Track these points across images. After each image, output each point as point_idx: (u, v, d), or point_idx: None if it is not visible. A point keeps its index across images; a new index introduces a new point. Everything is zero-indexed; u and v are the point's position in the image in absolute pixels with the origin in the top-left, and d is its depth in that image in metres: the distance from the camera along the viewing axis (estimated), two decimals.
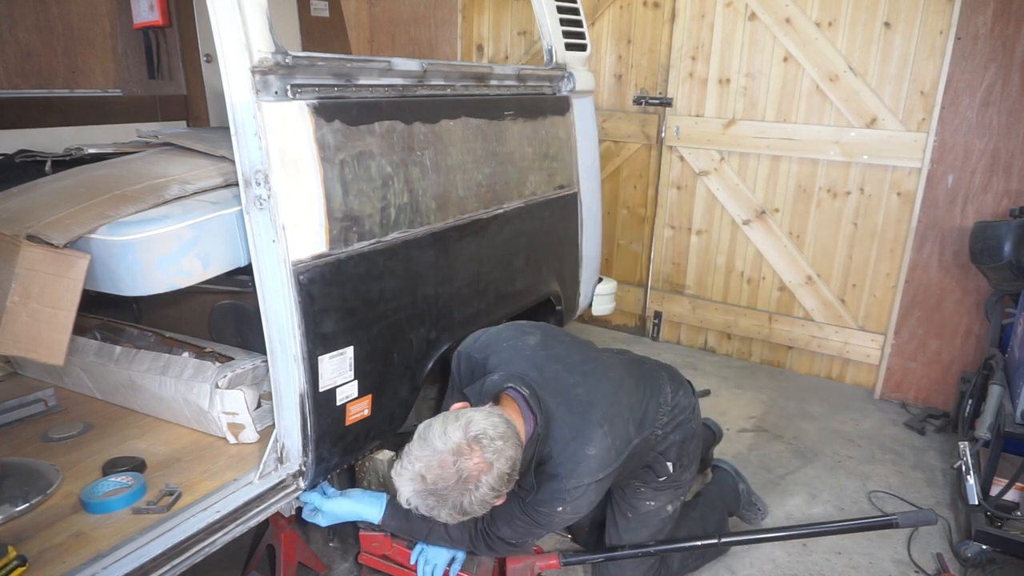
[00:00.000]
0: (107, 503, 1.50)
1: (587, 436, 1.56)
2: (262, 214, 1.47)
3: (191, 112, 3.08)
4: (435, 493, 1.37)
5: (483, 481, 1.37)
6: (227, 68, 1.39)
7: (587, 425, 1.57)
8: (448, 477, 1.36)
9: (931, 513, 1.80)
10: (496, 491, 1.40)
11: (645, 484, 1.88)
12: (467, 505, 1.38)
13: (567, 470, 1.54)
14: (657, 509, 1.91)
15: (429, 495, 1.38)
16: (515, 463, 1.43)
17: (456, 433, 1.39)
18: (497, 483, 1.39)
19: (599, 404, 1.62)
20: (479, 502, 1.39)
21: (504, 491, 1.44)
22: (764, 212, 3.44)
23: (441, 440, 1.38)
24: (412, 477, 1.38)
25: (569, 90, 2.57)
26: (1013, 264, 2.52)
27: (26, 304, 1.38)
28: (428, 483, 1.37)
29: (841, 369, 3.47)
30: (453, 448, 1.37)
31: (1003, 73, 2.73)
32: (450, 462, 1.36)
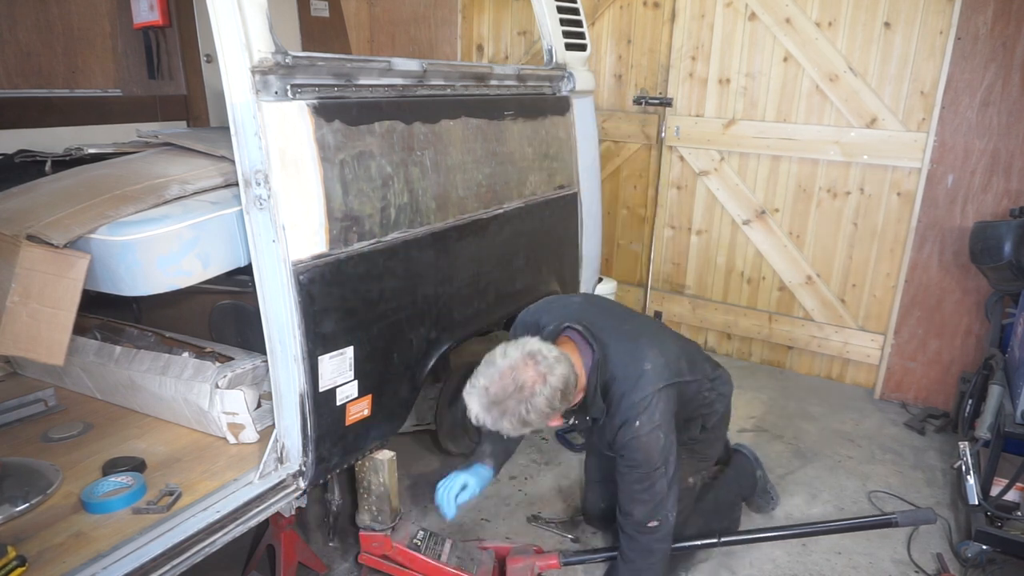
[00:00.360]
0: (107, 503, 1.50)
1: (641, 355, 1.75)
2: (262, 214, 1.47)
3: (191, 112, 3.08)
4: (497, 404, 1.57)
5: (538, 391, 1.56)
6: (227, 68, 1.39)
7: (639, 348, 1.76)
8: (507, 387, 1.56)
9: (930, 512, 1.80)
10: (551, 404, 1.58)
11: None
12: (525, 414, 1.56)
13: (630, 385, 1.70)
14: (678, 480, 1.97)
15: (493, 406, 1.58)
16: (568, 382, 1.61)
17: (514, 352, 1.61)
18: (551, 395, 1.57)
19: (647, 334, 1.83)
20: (537, 412, 1.57)
21: (559, 407, 1.61)
22: (764, 212, 3.44)
23: (502, 358, 1.60)
24: (478, 392, 1.59)
25: (569, 90, 2.57)
26: (1013, 264, 2.52)
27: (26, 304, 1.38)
28: (491, 395, 1.57)
29: (841, 369, 3.47)
30: (511, 364, 1.58)
31: (1003, 73, 2.73)
32: (509, 375, 1.57)
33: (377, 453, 1.92)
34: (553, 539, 2.22)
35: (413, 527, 1.93)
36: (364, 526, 1.87)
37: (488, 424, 1.61)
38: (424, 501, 2.40)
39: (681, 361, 1.83)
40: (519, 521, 2.31)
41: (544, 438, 2.82)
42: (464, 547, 1.93)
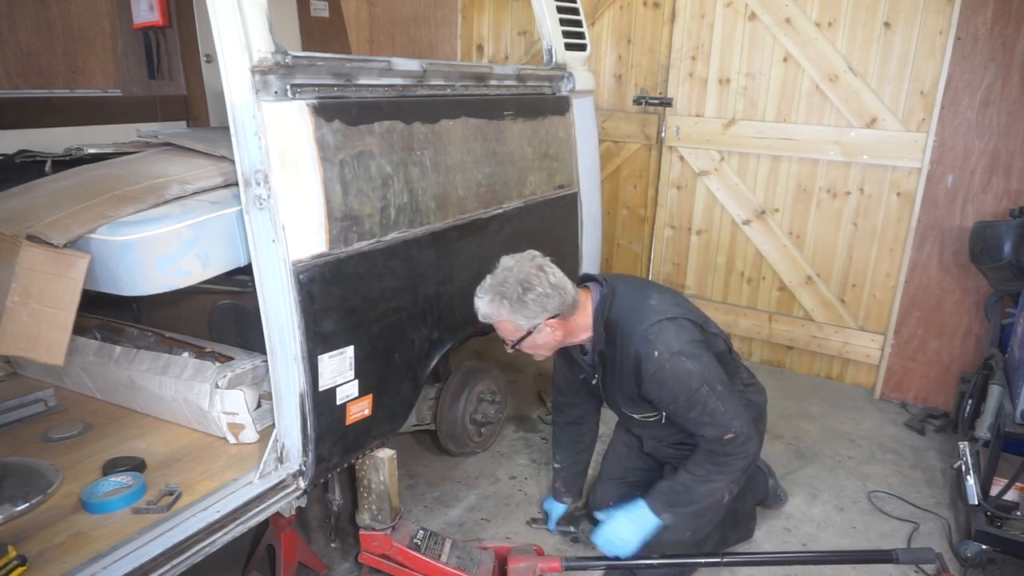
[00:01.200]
0: (107, 503, 1.50)
1: (647, 294, 1.84)
2: (262, 214, 1.47)
3: (191, 112, 3.08)
4: (499, 287, 1.69)
5: (535, 276, 1.69)
6: (227, 68, 1.39)
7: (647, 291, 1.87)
8: (509, 280, 1.69)
9: (930, 552, 1.81)
10: (546, 292, 1.69)
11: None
12: (522, 293, 1.67)
13: (634, 316, 1.78)
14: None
15: (495, 290, 1.69)
16: (565, 285, 1.74)
17: (520, 255, 1.75)
18: (547, 284, 1.69)
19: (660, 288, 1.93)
20: (535, 297, 1.68)
21: (556, 302, 1.70)
22: (764, 212, 3.44)
23: (507, 259, 1.75)
24: (483, 289, 1.72)
25: (569, 90, 2.57)
26: (1013, 264, 2.52)
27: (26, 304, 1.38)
28: (494, 284, 1.70)
29: (841, 369, 3.47)
30: (516, 260, 1.74)
31: (1003, 73, 2.73)
32: (512, 268, 1.72)
33: (378, 452, 1.92)
34: (553, 539, 2.22)
35: (413, 526, 1.93)
36: (364, 525, 1.87)
37: (492, 313, 1.71)
38: (425, 501, 2.40)
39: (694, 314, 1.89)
40: (519, 521, 2.31)
41: (544, 438, 2.82)
42: (464, 547, 1.93)
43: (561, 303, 1.72)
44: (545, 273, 1.72)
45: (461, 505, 2.38)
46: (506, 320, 1.71)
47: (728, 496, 1.97)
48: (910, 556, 1.85)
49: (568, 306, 1.74)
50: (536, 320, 1.70)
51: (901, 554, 1.81)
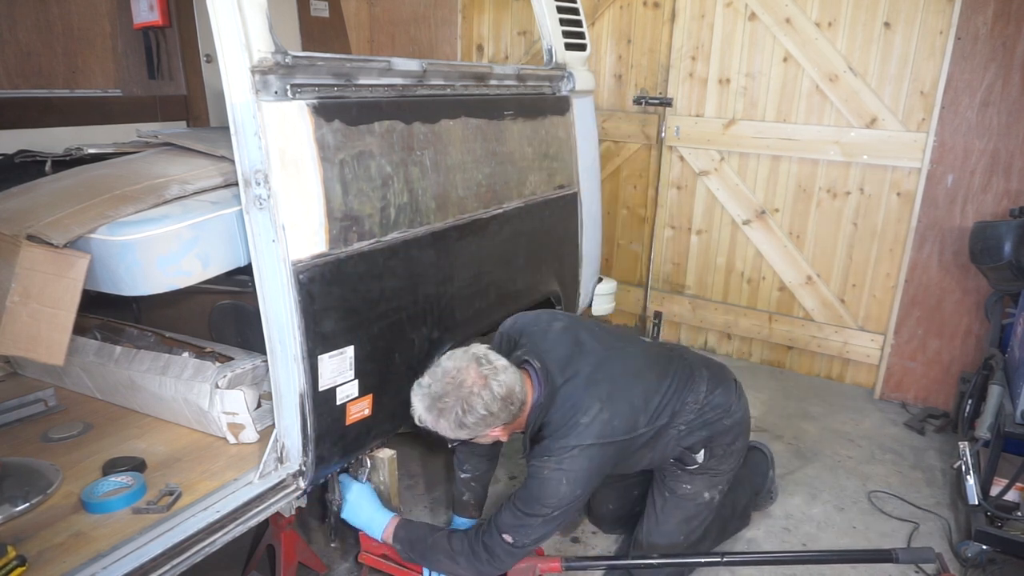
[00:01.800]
0: (107, 503, 1.50)
1: (584, 407, 1.69)
2: (262, 214, 1.47)
3: (191, 112, 3.08)
4: (437, 401, 1.59)
5: (476, 392, 1.57)
6: (227, 68, 1.39)
7: (587, 398, 1.70)
8: (447, 386, 1.59)
9: (930, 552, 1.81)
10: (488, 409, 1.58)
11: (681, 469, 1.95)
12: (462, 415, 1.57)
13: (560, 434, 1.67)
14: (693, 493, 1.96)
15: (432, 405, 1.59)
16: (512, 392, 1.62)
17: (460, 354, 1.65)
18: (490, 400, 1.58)
19: (604, 384, 1.74)
20: (474, 415, 1.58)
21: (501, 418, 1.61)
22: (764, 212, 3.44)
23: (448, 360, 1.64)
24: (422, 392, 1.62)
25: (569, 90, 2.57)
26: (1013, 264, 2.52)
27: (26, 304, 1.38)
28: (432, 393, 1.60)
29: (841, 369, 3.47)
30: (456, 365, 1.62)
31: (1003, 73, 2.73)
32: (452, 374, 1.60)
33: (378, 452, 1.92)
34: (553, 540, 2.22)
35: None
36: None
37: (429, 424, 1.63)
38: (426, 500, 2.40)
39: (639, 415, 1.75)
40: None
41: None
42: None
43: (508, 415, 1.63)
44: (489, 388, 1.58)
45: None
46: (446, 432, 1.64)
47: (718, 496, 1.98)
48: (910, 556, 1.85)
49: (514, 414, 1.66)
50: (478, 432, 1.64)
51: (901, 554, 1.81)
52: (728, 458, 1.97)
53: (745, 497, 2.24)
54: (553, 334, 1.83)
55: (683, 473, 1.95)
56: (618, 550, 2.20)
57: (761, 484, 2.33)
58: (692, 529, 1.98)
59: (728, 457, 1.97)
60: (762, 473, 2.34)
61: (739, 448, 2.00)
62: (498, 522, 1.70)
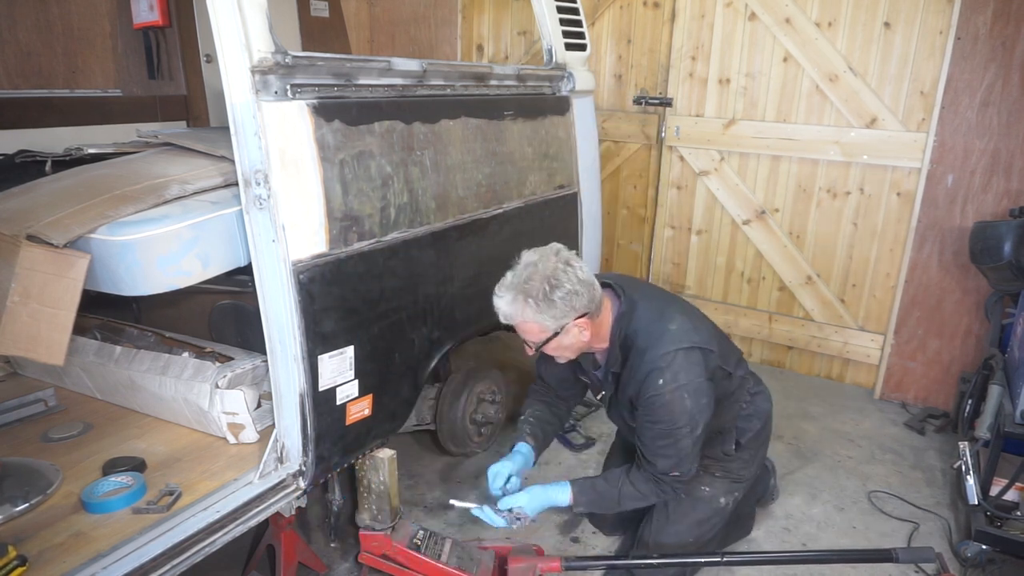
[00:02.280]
0: (107, 503, 1.50)
1: (668, 316, 1.74)
2: (262, 214, 1.47)
3: (191, 112, 3.08)
4: (524, 284, 1.59)
5: (563, 271, 1.59)
6: (227, 68, 1.39)
7: (668, 311, 1.76)
8: (535, 277, 1.60)
9: (930, 551, 1.81)
10: (575, 289, 1.59)
11: (704, 468, 1.95)
12: (549, 291, 1.58)
13: (652, 342, 1.69)
14: (710, 497, 1.97)
15: (520, 289, 1.59)
16: (593, 282, 1.65)
17: (541, 249, 1.66)
18: (576, 281, 1.60)
19: (678, 305, 1.83)
20: (563, 292, 1.58)
21: (584, 300, 1.62)
22: (764, 212, 3.44)
23: (529, 254, 1.66)
24: (506, 285, 1.63)
25: (569, 90, 2.57)
26: (1013, 264, 2.52)
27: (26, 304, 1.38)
28: (516, 281, 1.61)
29: (841, 369, 3.47)
30: (538, 256, 1.63)
31: (1003, 73, 2.73)
32: (535, 262, 1.62)
33: (378, 452, 1.92)
34: (553, 540, 2.22)
35: (413, 527, 1.93)
36: (364, 526, 1.87)
37: (516, 313, 1.62)
38: (425, 500, 2.40)
39: (712, 342, 1.78)
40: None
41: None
42: (464, 547, 1.92)
43: (590, 301, 1.63)
44: (572, 268, 1.61)
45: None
46: (531, 321, 1.61)
47: (732, 504, 1.98)
48: (910, 555, 1.85)
49: (597, 305, 1.66)
50: (564, 320, 1.61)
51: (901, 553, 1.81)
52: (751, 464, 2.00)
53: (748, 506, 2.24)
54: (611, 276, 1.88)
55: (704, 474, 1.95)
56: (618, 550, 2.20)
57: (763, 492, 2.35)
58: (703, 532, 1.97)
59: (751, 463, 2.00)
60: (764, 482, 2.34)
61: (760, 457, 2.04)
62: (657, 471, 1.73)
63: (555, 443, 2.78)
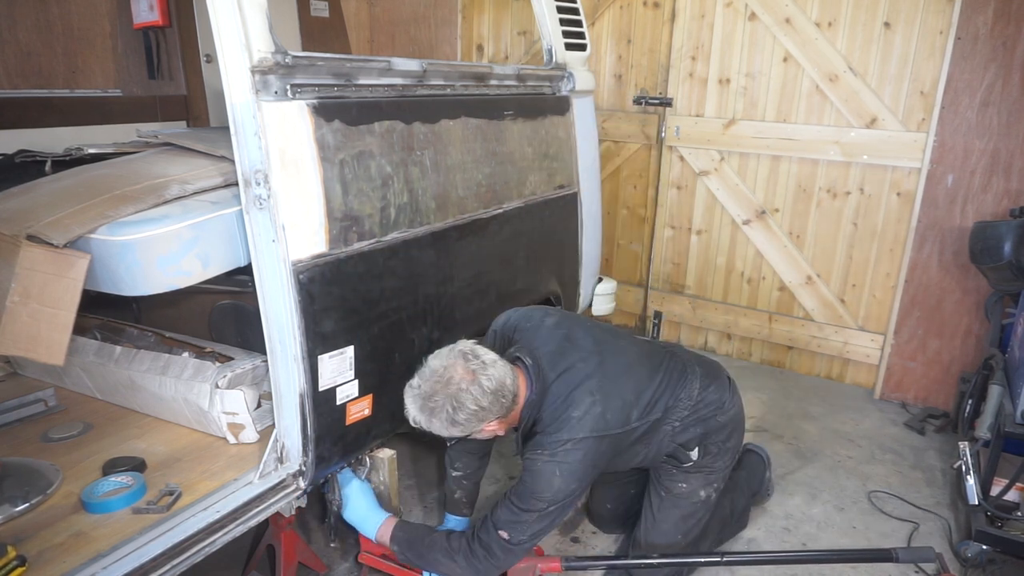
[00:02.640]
0: (107, 503, 1.50)
1: (575, 401, 1.69)
2: (262, 214, 1.47)
3: (191, 112, 3.08)
4: (428, 400, 1.59)
5: (465, 388, 1.58)
6: (227, 68, 1.39)
7: (579, 393, 1.70)
8: (437, 387, 1.59)
9: (930, 551, 1.81)
10: (479, 404, 1.58)
11: (676, 467, 1.95)
12: (452, 412, 1.58)
13: (553, 428, 1.68)
14: (689, 492, 1.96)
15: (424, 405, 1.60)
16: (503, 385, 1.62)
17: (446, 352, 1.64)
18: (479, 395, 1.58)
19: (595, 377, 1.74)
20: (465, 412, 1.58)
21: (493, 412, 1.61)
22: (764, 212, 3.44)
23: (436, 359, 1.64)
24: (413, 394, 1.62)
25: (569, 90, 2.57)
26: (1013, 264, 2.52)
27: (26, 304, 1.38)
28: (423, 394, 1.60)
29: (841, 369, 3.47)
30: (443, 363, 1.62)
31: (1003, 73, 2.73)
32: (439, 373, 1.60)
33: (378, 452, 1.92)
34: (553, 540, 2.22)
35: None
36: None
37: (423, 424, 1.63)
38: (425, 500, 2.40)
39: (631, 409, 1.76)
40: None
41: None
42: None
43: (500, 409, 1.63)
44: (478, 382, 1.58)
45: None
46: (440, 431, 1.64)
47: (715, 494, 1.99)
48: (910, 555, 1.85)
49: (507, 407, 1.65)
50: (473, 428, 1.64)
51: (901, 553, 1.81)
52: (723, 456, 1.97)
53: (743, 499, 2.25)
54: (545, 330, 1.84)
55: (678, 472, 1.95)
56: (618, 550, 2.20)
57: (758, 486, 2.34)
58: (690, 528, 1.98)
59: (723, 455, 1.97)
60: (759, 476, 2.34)
61: (733, 446, 2.01)
62: (494, 519, 1.70)
63: None
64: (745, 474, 2.29)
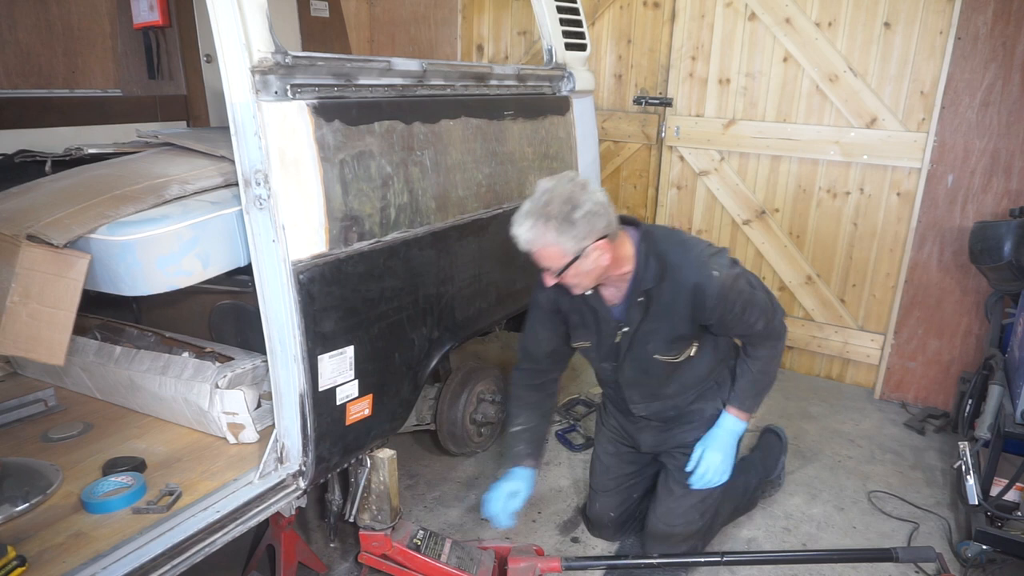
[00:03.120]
0: (107, 503, 1.50)
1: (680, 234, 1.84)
2: (262, 214, 1.47)
3: (191, 112, 3.08)
4: (543, 209, 1.58)
5: (580, 192, 1.59)
6: (227, 68, 1.39)
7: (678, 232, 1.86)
8: (551, 195, 1.58)
9: (931, 551, 1.81)
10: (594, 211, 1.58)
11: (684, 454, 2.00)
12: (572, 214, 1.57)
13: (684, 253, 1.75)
14: None
15: (540, 213, 1.58)
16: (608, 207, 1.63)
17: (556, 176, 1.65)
18: (594, 202, 1.59)
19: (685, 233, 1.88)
20: (583, 211, 1.57)
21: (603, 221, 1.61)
22: (764, 212, 3.44)
23: (544, 182, 1.63)
24: (524, 212, 1.61)
25: (569, 90, 2.57)
26: (1013, 264, 2.52)
27: (26, 304, 1.38)
28: (535, 205, 1.59)
29: (841, 369, 3.47)
30: (553, 183, 1.62)
31: (1003, 73, 2.73)
32: (551, 187, 1.60)
33: (378, 452, 1.92)
34: (553, 540, 2.22)
35: (413, 526, 1.93)
36: (364, 526, 1.87)
37: (536, 239, 1.60)
38: (425, 500, 2.40)
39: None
40: (519, 521, 2.31)
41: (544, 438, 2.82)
42: (464, 547, 1.93)
43: (608, 223, 1.62)
44: (589, 191, 1.60)
45: (461, 505, 2.38)
46: (552, 244, 1.59)
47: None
48: (910, 555, 1.85)
49: (614, 229, 1.66)
50: (585, 242, 1.59)
51: (901, 552, 1.81)
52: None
53: (756, 478, 2.26)
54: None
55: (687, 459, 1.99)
56: (618, 550, 2.20)
57: (772, 467, 2.35)
58: (707, 508, 2.01)
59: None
60: (774, 456, 2.36)
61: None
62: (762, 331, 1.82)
63: (555, 443, 2.78)
64: (761, 454, 2.32)
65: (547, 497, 2.44)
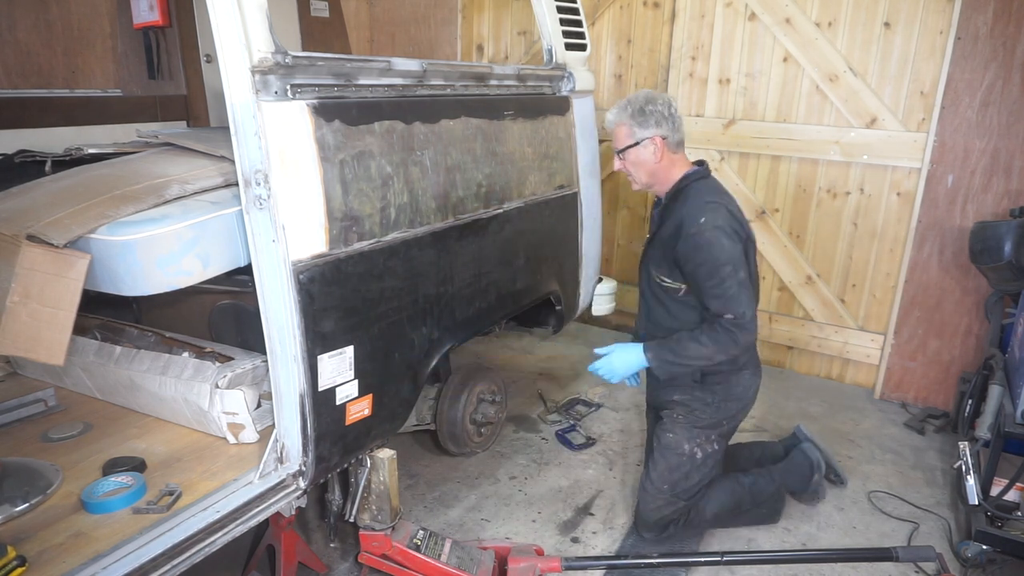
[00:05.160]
0: (107, 503, 1.50)
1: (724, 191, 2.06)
2: (262, 214, 1.47)
3: (191, 112, 3.08)
4: (629, 101, 2.00)
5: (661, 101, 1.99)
6: (227, 68, 1.39)
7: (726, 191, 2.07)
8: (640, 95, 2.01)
9: (931, 550, 1.81)
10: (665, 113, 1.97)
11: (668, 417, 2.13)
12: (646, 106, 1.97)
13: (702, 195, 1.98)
14: (675, 444, 2.10)
15: (626, 103, 2.00)
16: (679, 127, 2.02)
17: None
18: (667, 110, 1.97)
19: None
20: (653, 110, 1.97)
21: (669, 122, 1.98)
22: (764, 212, 3.44)
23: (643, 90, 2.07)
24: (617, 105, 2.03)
25: (569, 90, 2.57)
26: (1013, 264, 2.52)
27: (26, 304, 1.38)
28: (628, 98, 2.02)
29: (841, 369, 3.47)
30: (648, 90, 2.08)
31: (1003, 73, 2.73)
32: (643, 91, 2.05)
33: (378, 452, 1.92)
34: (553, 540, 2.22)
35: (413, 526, 1.93)
36: (364, 525, 1.87)
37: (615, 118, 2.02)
38: (425, 500, 2.40)
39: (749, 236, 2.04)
40: (519, 521, 2.31)
41: (544, 438, 2.82)
42: (464, 547, 1.93)
43: (671, 130, 1.97)
44: (666, 102, 1.97)
45: (461, 505, 2.38)
46: (624, 124, 1.99)
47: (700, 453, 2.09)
48: (910, 554, 1.85)
49: (674, 141, 1.99)
50: (646, 132, 1.96)
51: (901, 552, 1.81)
52: (711, 408, 2.07)
53: (771, 487, 2.25)
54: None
55: (668, 421, 2.13)
56: (618, 550, 2.20)
57: (798, 486, 2.34)
58: (676, 481, 2.09)
59: (711, 407, 2.07)
60: (797, 475, 2.33)
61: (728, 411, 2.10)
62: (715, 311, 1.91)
63: (555, 443, 2.79)
64: (782, 466, 2.33)
65: (547, 497, 2.44)
